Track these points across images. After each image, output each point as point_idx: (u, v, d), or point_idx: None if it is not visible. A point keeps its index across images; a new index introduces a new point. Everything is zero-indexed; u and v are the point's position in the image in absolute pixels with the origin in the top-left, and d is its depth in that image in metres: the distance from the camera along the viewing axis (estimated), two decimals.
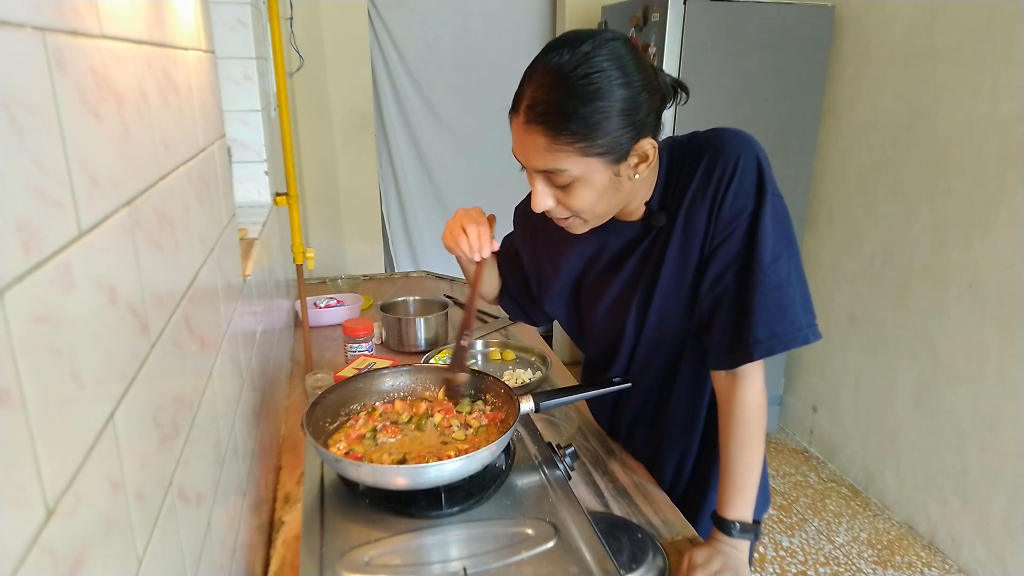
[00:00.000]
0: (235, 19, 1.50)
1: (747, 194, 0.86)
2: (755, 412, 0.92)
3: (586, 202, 0.84)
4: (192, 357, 0.63)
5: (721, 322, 0.90)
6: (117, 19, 0.48)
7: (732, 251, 0.88)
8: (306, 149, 2.96)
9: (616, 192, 0.85)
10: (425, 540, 0.77)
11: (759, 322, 0.86)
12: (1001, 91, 2.00)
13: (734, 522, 0.91)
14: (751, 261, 0.87)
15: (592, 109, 0.76)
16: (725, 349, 0.90)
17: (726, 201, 0.86)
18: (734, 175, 0.85)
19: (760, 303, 0.86)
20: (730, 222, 0.87)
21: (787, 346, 0.87)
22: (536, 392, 0.96)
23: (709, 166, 0.87)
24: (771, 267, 0.86)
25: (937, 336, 2.28)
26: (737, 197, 0.86)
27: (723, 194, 0.86)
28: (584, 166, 0.80)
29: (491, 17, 3.25)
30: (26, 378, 0.31)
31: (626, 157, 0.81)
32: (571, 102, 0.76)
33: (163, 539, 0.50)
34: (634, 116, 0.79)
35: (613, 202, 0.87)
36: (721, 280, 0.89)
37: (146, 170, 0.53)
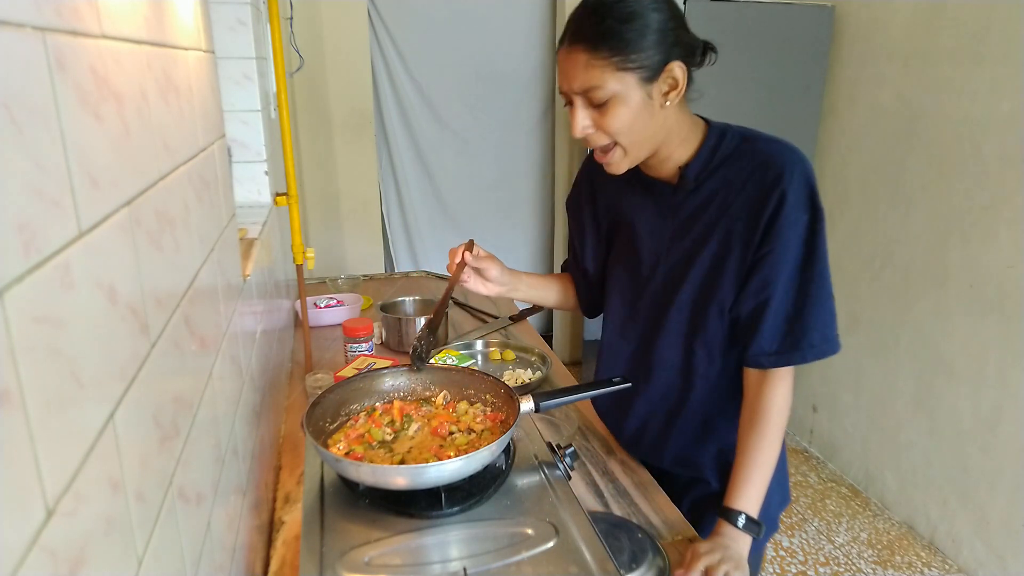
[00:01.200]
0: (235, 19, 1.50)
1: (803, 207, 0.91)
2: (780, 409, 0.97)
3: (622, 121, 0.89)
4: (192, 357, 0.63)
5: (771, 323, 0.95)
6: (117, 19, 0.48)
7: (787, 258, 0.92)
8: (306, 149, 2.96)
9: (650, 117, 0.90)
10: (425, 540, 0.77)
11: (816, 328, 0.93)
12: (1001, 91, 2.00)
13: (741, 513, 0.93)
14: (811, 270, 0.92)
15: (628, 27, 0.85)
16: (774, 349, 0.95)
17: (783, 211, 0.91)
18: (788, 190, 0.90)
19: (819, 310, 0.93)
20: (783, 231, 0.91)
21: (831, 352, 0.95)
22: (536, 392, 0.96)
23: (768, 175, 0.92)
24: (826, 278, 0.93)
25: (937, 336, 2.28)
26: (794, 210, 0.91)
27: (778, 204, 0.91)
28: (619, 82, 0.86)
29: (491, 17, 3.25)
30: (26, 378, 0.31)
31: (657, 77, 0.88)
32: (608, 20, 0.85)
33: (163, 539, 0.50)
34: (665, 39, 0.87)
35: (648, 129, 0.91)
36: (770, 284, 0.94)
37: (146, 170, 0.53)
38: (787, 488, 1.20)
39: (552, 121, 3.51)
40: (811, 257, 0.92)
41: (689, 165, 0.97)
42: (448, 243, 3.72)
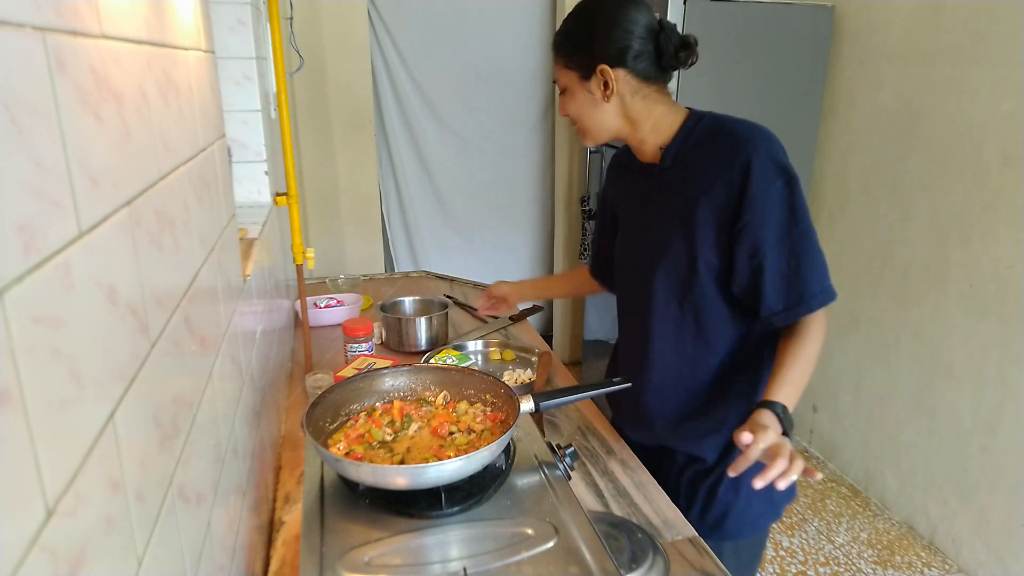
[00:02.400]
0: (235, 19, 1.50)
1: (773, 174, 0.99)
2: (816, 333, 1.03)
3: (572, 109, 1.11)
4: (192, 357, 0.63)
5: (771, 284, 1.01)
6: (117, 19, 0.48)
7: (771, 222, 0.99)
8: (306, 149, 2.96)
9: (595, 108, 1.08)
10: (425, 540, 0.77)
11: (814, 279, 1.00)
12: (1001, 91, 2.00)
13: (778, 403, 0.96)
14: (796, 229, 1.00)
15: (566, 38, 1.08)
16: (781, 308, 1.02)
17: (751, 183, 0.98)
18: (753, 159, 0.98)
19: (812, 263, 1.00)
20: (757, 200, 0.98)
21: (831, 299, 1.02)
22: (536, 392, 0.96)
23: (731, 148, 1.01)
24: (812, 234, 1.01)
25: (937, 336, 2.28)
26: (763, 178, 0.98)
27: (746, 176, 0.99)
28: (566, 77, 1.09)
29: (491, 17, 3.25)
30: (26, 378, 0.31)
31: (590, 77, 1.05)
32: (567, 23, 1.08)
33: (163, 539, 0.50)
34: (592, 48, 1.03)
35: (598, 118, 1.09)
36: (760, 249, 1.00)
37: (146, 170, 0.53)
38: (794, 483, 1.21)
39: (552, 121, 3.51)
40: (793, 217, 0.99)
41: (668, 146, 1.09)
42: (448, 243, 3.73)
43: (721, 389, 1.13)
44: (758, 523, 1.18)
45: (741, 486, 1.14)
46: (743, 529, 1.16)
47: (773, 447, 0.88)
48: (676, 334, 1.12)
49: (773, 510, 1.19)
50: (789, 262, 1.00)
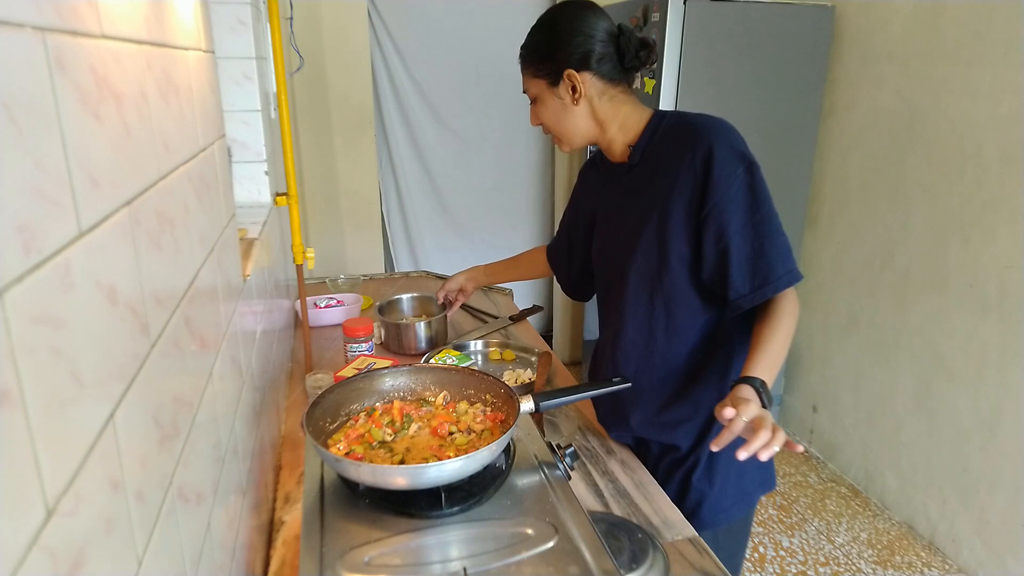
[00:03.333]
0: (235, 19, 1.50)
1: (735, 161, 1.02)
2: (788, 312, 1.04)
3: (544, 116, 1.15)
4: (192, 357, 0.63)
5: (737, 267, 1.03)
6: (117, 19, 0.48)
7: (735, 206, 1.02)
8: (306, 149, 2.96)
9: (564, 113, 1.12)
10: (425, 540, 0.77)
11: (778, 260, 1.03)
12: (1001, 91, 2.00)
13: (757, 378, 0.97)
14: (759, 213, 1.02)
15: (532, 48, 1.12)
16: (747, 290, 1.04)
17: (713, 169, 1.01)
18: (714, 147, 1.02)
19: (774, 245, 1.03)
20: (721, 185, 1.01)
21: (796, 279, 1.04)
22: (536, 392, 0.96)
23: (693, 138, 1.04)
24: (775, 217, 1.03)
25: (937, 336, 2.28)
26: (725, 164, 1.01)
27: (709, 163, 1.02)
28: (536, 87, 1.13)
29: (491, 17, 3.25)
30: (26, 378, 0.31)
31: (558, 83, 1.09)
32: (532, 35, 1.13)
33: (163, 539, 0.50)
34: (556, 55, 1.07)
35: (570, 122, 1.13)
36: (725, 233, 1.03)
37: (146, 170, 0.53)
38: (771, 471, 1.25)
39: None
40: (755, 202, 1.02)
41: (636, 144, 1.13)
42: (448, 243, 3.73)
43: (693, 376, 1.15)
44: (731, 512, 1.19)
45: (714, 474, 1.16)
46: (717, 517, 1.18)
47: (755, 420, 0.89)
48: (648, 327, 1.14)
49: (746, 498, 1.21)
50: (753, 245, 1.02)
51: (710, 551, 0.97)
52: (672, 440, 1.18)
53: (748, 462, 1.15)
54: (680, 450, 1.18)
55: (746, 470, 1.18)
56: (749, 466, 1.17)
